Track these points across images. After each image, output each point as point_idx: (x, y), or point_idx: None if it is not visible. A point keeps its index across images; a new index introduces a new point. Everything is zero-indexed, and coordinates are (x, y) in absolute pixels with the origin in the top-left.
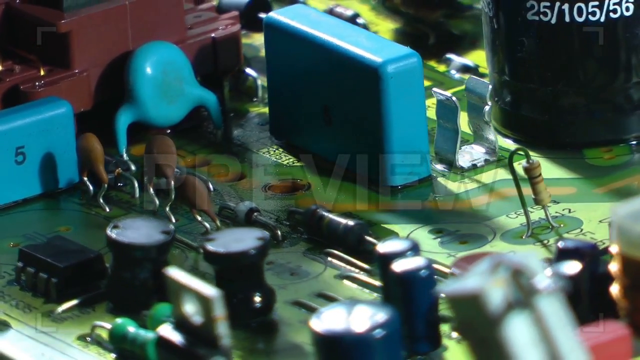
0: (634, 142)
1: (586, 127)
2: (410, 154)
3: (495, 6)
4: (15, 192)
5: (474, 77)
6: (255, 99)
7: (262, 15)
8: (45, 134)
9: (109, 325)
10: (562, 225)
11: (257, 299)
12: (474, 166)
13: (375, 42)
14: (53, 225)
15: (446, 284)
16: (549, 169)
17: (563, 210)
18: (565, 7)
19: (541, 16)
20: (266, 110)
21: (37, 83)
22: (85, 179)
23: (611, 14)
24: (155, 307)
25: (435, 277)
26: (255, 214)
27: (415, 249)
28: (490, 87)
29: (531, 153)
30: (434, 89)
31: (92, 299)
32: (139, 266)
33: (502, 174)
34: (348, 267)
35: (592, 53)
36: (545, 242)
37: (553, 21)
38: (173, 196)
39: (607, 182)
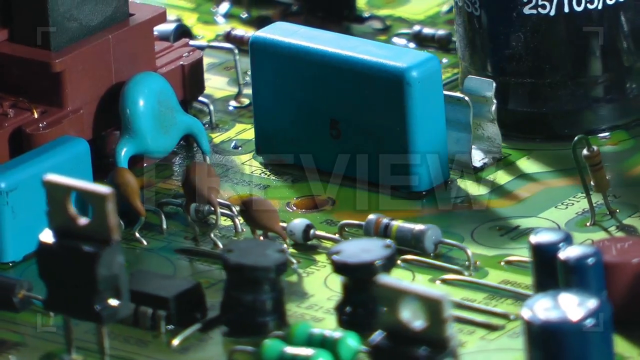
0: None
1: (583, 116)
2: (433, 158)
3: (482, 5)
4: None
5: (473, 76)
6: (207, 126)
7: (190, 42)
8: (69, 173)
9: (250, 349)
10: (618, 210)
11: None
12: (485, 165)
13: (388, 49)
14: None
15: None
16: (562, 161)
17: (608, 196)
18: None
19: (539, 9)
20: (228, 135)
21: (40, 125)
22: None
23: (607, 1)
24: (296, 325)
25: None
26: (312, 230)
27: (568, 239)
28: (494, 84)
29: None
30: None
31: (207, 325)
32: (260, 287)
33: (502, 173)
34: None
35: (592, 42)
36: (616, 226)
37: (552, 13)
38: (220, 221)
39: (631, 165)
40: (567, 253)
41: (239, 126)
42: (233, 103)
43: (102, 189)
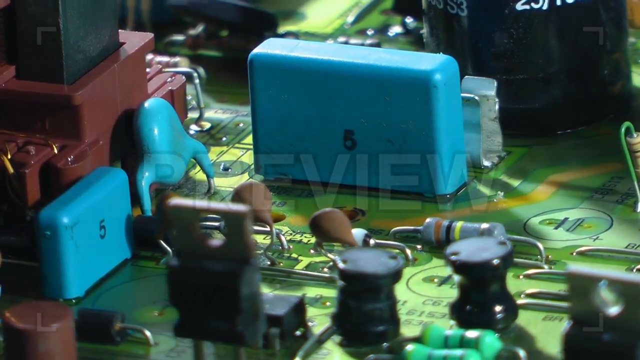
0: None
1: (577, 109)
2: (457, 159)
3: (470, 5)
4: (104, 266)
5: (471, 76)
6: None
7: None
8: (113, 204)
9: (387, 356)
10: None
11: (499, 307)
12: (493, 164)
13: (401, 54)
14: (159, 290)
15: None
16: (564, 154)
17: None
18: None
19: (532, 4)
20: (210, 158)
21: (68, 159)
22: (161, 240)
23: None
24: (428, 329)
25: None
26: (372, 239)
27: None
28: (495, 83)
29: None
30: None
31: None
32: (379, 296)
33: (509, 172)
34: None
35: (585, 35)
36: None
37: (545, 7)
38: (274, 240)
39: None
40: None
41: (215, 149)
42: (194, 127)
43: (239, 207)
